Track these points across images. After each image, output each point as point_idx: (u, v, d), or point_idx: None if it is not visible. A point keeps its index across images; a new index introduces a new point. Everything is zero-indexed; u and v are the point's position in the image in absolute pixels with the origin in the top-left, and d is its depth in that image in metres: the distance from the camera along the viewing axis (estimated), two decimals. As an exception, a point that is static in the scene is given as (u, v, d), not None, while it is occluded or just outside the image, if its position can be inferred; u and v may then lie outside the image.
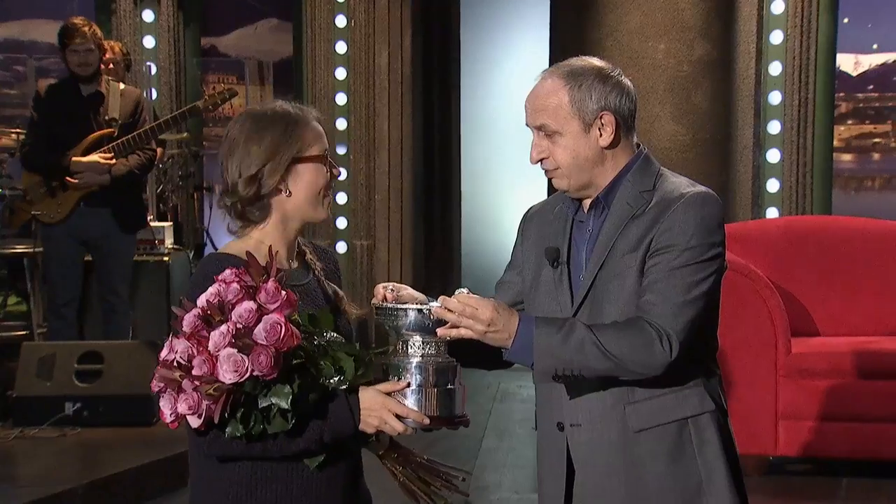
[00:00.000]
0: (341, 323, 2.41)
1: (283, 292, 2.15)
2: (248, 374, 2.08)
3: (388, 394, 2.24)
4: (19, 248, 7.23)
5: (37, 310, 7.14)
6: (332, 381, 2.19)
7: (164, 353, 2.17)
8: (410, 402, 2.24)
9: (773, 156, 7.89)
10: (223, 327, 2.11)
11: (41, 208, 6.10)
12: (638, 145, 2.48)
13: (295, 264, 2.43)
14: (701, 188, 2.43)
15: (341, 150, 8.67)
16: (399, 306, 2.28)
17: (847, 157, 8.12)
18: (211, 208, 8.69)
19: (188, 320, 2.16)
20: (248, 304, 2.13)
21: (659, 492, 2.40)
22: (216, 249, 2.54)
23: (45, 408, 5.68)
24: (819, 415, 4.71)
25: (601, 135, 2.40)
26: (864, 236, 5.40)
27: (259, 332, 2.10)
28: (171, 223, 7.70)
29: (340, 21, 8.91)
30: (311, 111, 2.46)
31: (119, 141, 5.98)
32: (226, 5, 9.39)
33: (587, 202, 2.47)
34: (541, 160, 2.44)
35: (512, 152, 9.99)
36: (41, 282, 6.90)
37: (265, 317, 2.11)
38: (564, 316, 2.41)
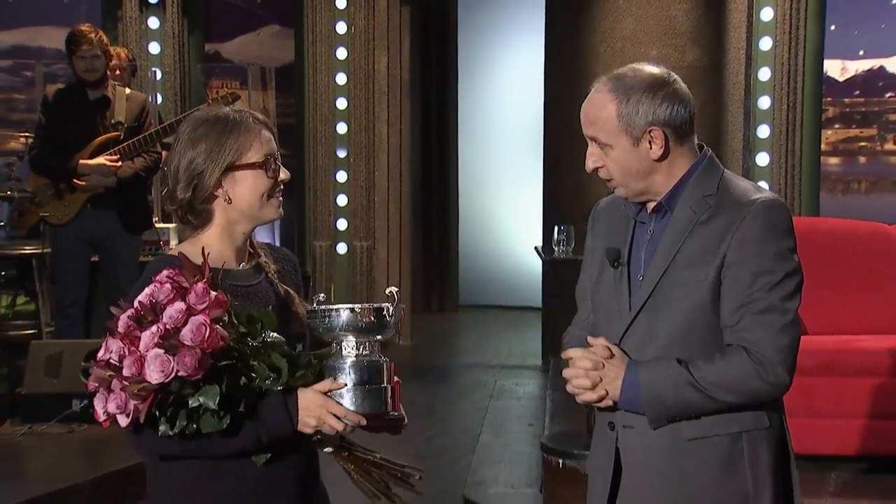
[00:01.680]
0: (292, 324, 2.36)
1: (213, 293, 2.11)
2: (173, 374, 2.05)
3: (326, 393, 2.20)
4: (28, 249, 7.21)
5: (45, 309, 7.12)
6: (266, 381, 2.15)
7: (100, 353, 2.15)
8: (346, 401, 2.20)
9: (763, 159, 7.89)
10: (153, 328, 2.09)
11: (49, 210, 6.09)
12: (701, 147, 2.41)
13: (246, 265, 2.38)
14: (768, 194, 2.36)
15: (341, 154, 8.68)
16: (331, 307, 2.24)
17: (834, 160, 8.12)
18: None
19: (122, 320, 2.15)
20: (179, 305, 2.10)
21: (706, 499, 2.33)
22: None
23: (52, 405, 5.67)
24: (808, 412, 4.70)
25: (651, 148, 2.33)
26: (851, 237, 5.39)
27: (185, 333, 2.07)
28: (175, 224, 7.69)
29: (341, 27, 8.91)
30: (253, 115, 2.35)
31: (125, 144, 5.98)
32: (229, 12, 9.39)
33: (651, 204, 2.41)
34: (596, 169, 2.39)
35: (508, 155, 10.01)
36: (49, 282, 6.89)
37: (192, 318, 2.08)
38: (623, 317, 2.37)
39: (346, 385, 2.21)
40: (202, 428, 2.11)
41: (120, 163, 5.95)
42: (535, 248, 5.41)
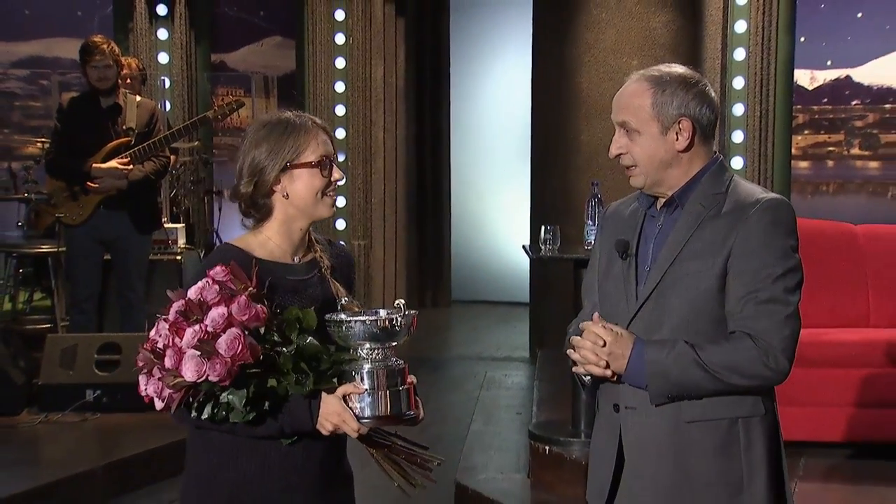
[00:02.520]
0: None
1: (255, 307, 2.15)
2: (204, 377, 2.10)
3: (347, 395, 2.24)
4: (44, 248, 7.21)
5: (60, 304, 7.12)
6: (295, 387, 2.20)
7: (152, 332, 2.18)
8: (366, 404, 2.24)
9: (737, 163, 7.91)
10: (196, 327, 2.12)
11: (64, 211, 6.08)
12: (715, 152, 2.43)
13: (302, 260, 2.43)
14: (773, 194, 2.37)
15: (340, 157, 8.66)
16: (346, 318, 2.26)
17: (804, 164, 8.13)
18: (220, 211, 8.68)
19: (173, 309, 2.18)
20: (222, 310, 2.13)
21: (702, 482, 2.33)
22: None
23: (67, 395, 5.67)
24: (779, 400, 4.71)
25: (678, 139, 2.35)
26: (820, 236, 5.41)
27: (221, 343, 2.10)
28: (183, 225, 7.68)
29: (339, 38, 8.91)
30: (312, 119, 2.41)
31: (136, 148, 5.97)
32: (234, 24, 9.38)
33: (661, 199, 2.41)
34: (619, 155, 2.40)
35: (497, 159, 10.00)
36: (64, 279, 6.88)
37: (229, 329, 2.11)
38: (629, 306, 2.37)
39: (365, 389, 2.24)
40: (230, 418, 2.17)
41: (131, 166, 5.95)
42: (523, 246, 5.40)
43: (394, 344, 2.30)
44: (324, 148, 2.38)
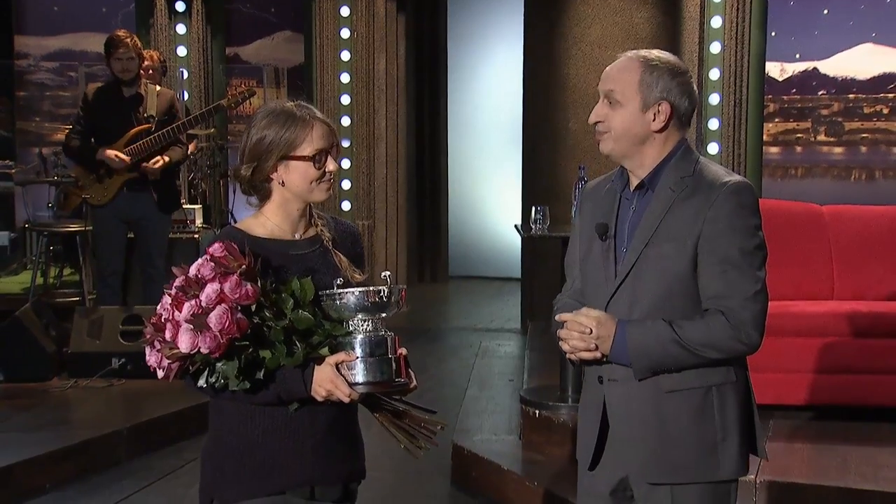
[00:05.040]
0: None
1: (246, 286, 2.13)
2: (197, 349, 2.10)
3: (340, 364, 2.22)
4: (72, 227, 7.21)
5: (87, 279, 7.12)
6: (288, 358, 2.19)
7: (159, 307, 2.19)
8: (357, 370, 2.22)
9: (713, 148, 7.89)
10: (192, 302, 2.12)
11: (90, 193, 6.06)
12: (684, 139, 2.41)
13: (303, 235, 2.41)
14: (737, 177, 2.35)
15: (345, 143, 8.64)
16: (338, 291, 2.24)
17: (774, 149, 8.12)
18: (234, 193, 8.66)
19: (174, 286, 2.18)
20: (215, 286, 2.12)
21: (681, 445, 2.33)
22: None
23: (95, 362, 5.68)
24: (750, 367, 4.72)
25: (654, 119, 2.32)
26: (789, 216, 5.39)
27: (212, 318, 2.10)
28: (200, 206, 7.67)
29: (345, 33, 8.88)
30: (311, 113, 2.36)
31: (156, 134, 5.94)
32: (247, 19, 9.34)
33: (633, 181, 2.39)
34: (596, 123, 2.38)
35: (491, 145, 9.99)
36: (91, 255, 6.88)
37: (219, 305, 2.10)
38: (608, 285, 2.36)
39: (356, 357, 2.22)
40: (229, 387, 2.16)
41: (128, 158, 5.90)
42: (515, 225, 5.39)
43: (384, 315, 2.27)
44: (320, 142, 2.34)
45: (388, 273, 2.30)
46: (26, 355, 5.67)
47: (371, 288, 2.25)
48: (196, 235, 6.88)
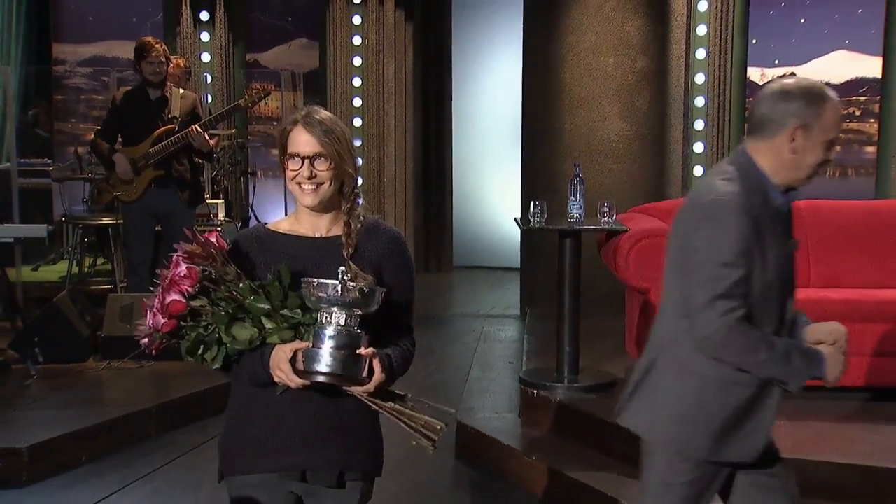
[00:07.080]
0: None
1: (192, 269, 2.17)
2: (153, 328, 2.22)
3: (298, 351, 2.15)
4: (105, 221, 7.23)
5: (119, 269, 7.14)
6: (247, 343, 2.18)
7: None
8: (322, 359, 2.12)
9: (699, 147, 7.89)
10: (160, 287, 2.21)
11: (121, 189, 6.08)
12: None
13: (325, 234, 2.32)
14: (712, 195, 2.43)
15: (357, 143, 8.65)
16: (319, 281, 2.12)
17: (756, 148, 8.11)
18: (254, 189, 8.67)
19: (162, 275, 2.24)
20: (176, 271, 2.19)
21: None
22: (259, 222, 2.53)
23: (126, 345, 5.66)
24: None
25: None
26: (769, 211, 5.39)
27: (157, 301, 2.20)
28: (222, 201, 7.69)
29: (357, 40, 8.88)
30: (304, 118, 2.26)
31: (172, 138, 5.97)
32: (266, 28, 9.34)
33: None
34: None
35: (492, 144, 9.98)
36: (122, 247, 6.90)
37: (171, 289, 2.18)
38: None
39: (317, 347, 2.13)
40: (211, 365, 2.22)
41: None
42: (515, 219, 5.39)
43: (357, 312, 2.14)
44: (296, 147, 2.25)
45: (342, 269, 2.16)
46: (63, 339, 5.68)
47: (350, 285, 2.12)
48: (218, 228, 6.88)
